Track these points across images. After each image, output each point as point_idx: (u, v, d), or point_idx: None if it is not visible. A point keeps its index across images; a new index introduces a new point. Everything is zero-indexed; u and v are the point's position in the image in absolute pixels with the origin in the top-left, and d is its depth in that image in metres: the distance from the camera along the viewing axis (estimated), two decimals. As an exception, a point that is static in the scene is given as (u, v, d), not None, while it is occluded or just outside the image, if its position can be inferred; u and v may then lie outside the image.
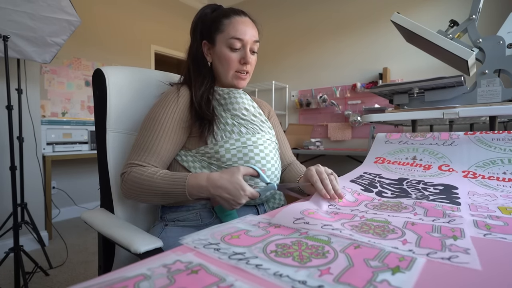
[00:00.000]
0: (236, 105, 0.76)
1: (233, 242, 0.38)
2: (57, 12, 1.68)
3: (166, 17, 3.81)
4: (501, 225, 0.43)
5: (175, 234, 0.67)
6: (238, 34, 0.73)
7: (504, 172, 0.74)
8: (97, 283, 0.27)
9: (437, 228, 0.41)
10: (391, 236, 0.39)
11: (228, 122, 0.74)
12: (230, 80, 0.77)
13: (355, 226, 0.43)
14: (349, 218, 0.48)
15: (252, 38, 0.75)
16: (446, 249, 0.34)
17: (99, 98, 0.78)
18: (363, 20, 3.18)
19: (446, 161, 0.84)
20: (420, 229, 0.41)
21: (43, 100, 2.72)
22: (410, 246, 0.35)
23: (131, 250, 0.52)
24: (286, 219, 0.46)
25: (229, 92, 0.78)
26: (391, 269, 0.29)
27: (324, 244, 0.37)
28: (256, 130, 0.76)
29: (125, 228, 0.63)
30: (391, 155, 0.94)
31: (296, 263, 0.31)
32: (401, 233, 0.40)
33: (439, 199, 0.60)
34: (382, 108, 2.61)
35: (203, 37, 0.78)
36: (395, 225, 0.43)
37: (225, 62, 0.75)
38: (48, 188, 2.28)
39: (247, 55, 0.75)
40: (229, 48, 0.74)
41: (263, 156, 0.73)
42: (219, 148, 0.70)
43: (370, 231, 0.41)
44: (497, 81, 1.01)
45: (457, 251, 0.33)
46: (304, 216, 0.46)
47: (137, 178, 0.64)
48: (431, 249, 0.34)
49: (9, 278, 1.65)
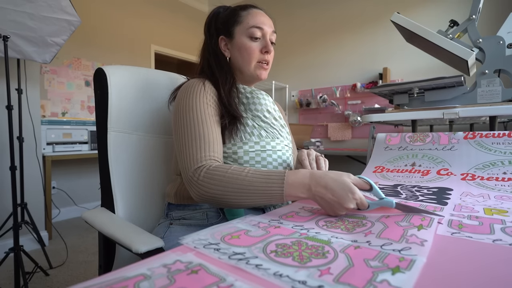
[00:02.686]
0: (259, 106, 0.74)
1: (233, 242, 0.38)
2: (57, 12, 1.68)
3: (166, 17, 3.81)
4: (474, 225, 0.44)
5: (179, 234, 0.66)
6: (258, 23, 0.73)
7: (504, 172, 0.74)
8: (97, 283, 0.27)
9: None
10: (358, 229, 0.42)
11: (249, 123, 0.72)
12: (252, 71, 0.75)
13: (329, 222, 0.46)
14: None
15: (271, 29, 0.75)
16: (403, 240, 0.36)
17: (100, 97, 0.78)
18: (363, 20, 3.18)
19: (445, 165, 0.84)
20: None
21: (43, 100, 2.72)
22: (369, 238, 0.38)
23: (132, 250, 0.52)
24: (264, 218, 0.49)
25: (252, 92, 0.76)
26: (391, 269, 0.29)
27: (324, 244, 0.37)
28: (275, 135, 0.75)
29: (126, 227, 0.63)
30: (390, 163, 0.94)
31: (296, 263, 0.31)
32: (370, 225, 0.43)
33: (428, 199, 0.60)
34: (382, 108, 2.61)
35: (220, 33, 0.77)
36: (369, 220, 0.46)
37: (246, 53, 0.73)
38: (48, 188, 2.28)
39: (268, 44, 0.74)
40: (249, 37, 0.73)
41: (280, 162, 0.71)
42: (238, 149, 0.68)
43: (342, 226, 0.44)
44: (497, 81, 1.01)
45: (413, 242, 0.36)
46: (280, 219, 0.49)
47: (221, 176, 0.57)
48: (388, 240, 0.37)
49: (9, 278, 1.65)
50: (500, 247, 0.35)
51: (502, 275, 0.29)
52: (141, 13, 3.54)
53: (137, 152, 0.82)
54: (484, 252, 0.34)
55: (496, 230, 0.41)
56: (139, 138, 0.83)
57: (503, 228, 0.42)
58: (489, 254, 0.33)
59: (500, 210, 0.52)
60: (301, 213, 0.53)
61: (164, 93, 0.86)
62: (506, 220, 0.46)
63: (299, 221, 0.47)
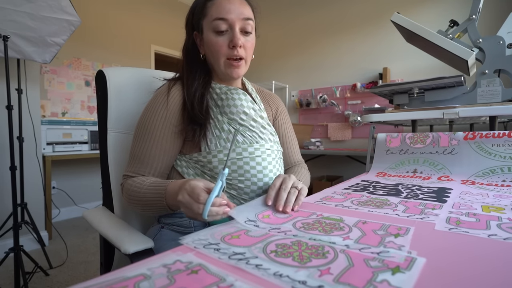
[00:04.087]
0: (234, 108, 0.69)
1: (233, 242, 0.38)
2: (57, 12, 1.68)
3: (166, 17, 3.81)
4: (472, 222, 0.45)
5: (169, 236, 0.66)
6: (222, 14, 0.63)
7: (504, 180, 0.75)
8: (97, 283, 0.27)
9: (385, 227, 0.42)
10: (337, 232, 0.41)
11: (224, 128, 0.67)
12: (223, 70, 0.68)
13: (306, 224, 0.45)
14: (306, 216, 0.49)
15: (240, 16, 0.64)
16: (381, 245, 0.35)
17: (101, 99, 0.79)
18: (363, 20, 3.18)
19: (446, 172, 0.85)
20: (368, 228, 0.42)
21: (43, 100, 2.72)
22: (348, 242, 0.37)
23: (121, 250, 0.52)
24: (240, 216, 0.47)
25: (227, 92, 0.70)
26: (391, 269, 0.29)
27: (324, 244, 0.37)
28: (254, 139, 0.69)
29: (119, 227, 0.63)
30: (392, 170, 0.95)
31: (296, 263, 0.31)
32: (348, 230, 0.42)
33: (428, 197, 0.61)
34: (382, 108, 2.61)
35: (194, 28, 0.71)
36: (346, 223, 0.45)
37: (213, 49, 0.66)
38: (48, 188, 2.28)
39: (235, 37, 0.64)
40: (214, 32, 0.65)
41: (260, 169, 0.66)
42: (212, 158, 0.65)
43: (319, 228, 0.43)
44: (497, 81, 1.01)
45: (391, 247, 0.35)
46: (257, 219, 0.47)
47: (129, 190, 0.61)
48: (366, 245, 0.35)
49: (9, 278, 1.65)
50: (494, 241, 0.37)
51: (496, 267, 0.30)
52: (141, 13, 3.53)
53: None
54: (479, 246, 0.36)
55: (492, 226, 0.42)
56: (139, 138, 0.83)
57: (499, 224, 0.43)
58: (483, 248, 0.35)
59: (497, 208, 0.52)
60: (278, 213, 0.51)
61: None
62: (502, 217, 0.47)
63: (276, 223, 0.46)
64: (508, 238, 0.38)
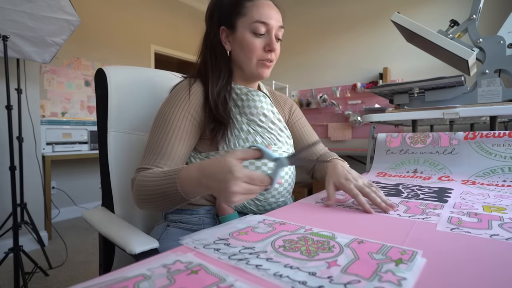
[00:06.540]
0: (254, 109, 0.69)
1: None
2: (57, 12, 1.67)
3: (166, 17, 3.81)
4: (473, 222, 0.45)
5: (176, 236, 0.65)
6: (263, 18, 0.66)
7: (504, 180, 0.75)
8: (97, 283, 0.27)
9: (385, 249, 0.35)
10: (322, 255, 0.33)
11: (243, 128, 0.67)
12: (253, 69, 0.69)
13: (288, 241, 0.38)
14: (291, 230, 0.42)
15: (278, 23, 0.68)
16: (375, 277, 0.28)
17: (101, 98, 0.78)
18: (364, 20, 3.18)
19: (447, 172, 0.85)
20: (363, 249, 0.35)
21: (43, 100, 2.72)
22: (332, 271, 0.29)
23: (126, 250, 0.52)
24: (208, 238, 0.40)
25: (247, 93, 0.71)
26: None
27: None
28: (272, 141, 0.70)
29: (122, 227, 0.63)
30: (392, 170, 0.95)
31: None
32: (338, 251, 0.35)
33: (429, 198, 0.61)
34: (382, 108, 2.61)
35: (221, 23, 0.69)
36: (337, 242, 0.37)
37: (248, 49, 0.67)
38: (47, 188, 2.28)
39: (272, 42, 0.67)
40: (252, 33, 0.66)
41: None
42: None
43: (302, 248, 0.36)
44: (497, 81, 1.01)
45: (388, 280, 0.27)
46: (230, 237, 0.40)
47: (140, 181, 0.57)
48: (356, 276, 0.28)
49: (9, 278, 1.65)
50: (496, 241, 0.37)
51: (499, 267, 0.30)
52: (141, 13, 3.53)
53: (137, 152, 0.82)
54: (481, 246, 0.36)
55: (494, 226, 0.43)
56: (138, 138, 0.82)
57: (501, 224, 0.43)
58: (486, 248, 0.35)
59: (498, 208, 0.53)
60: (260, 228, 0.44)
61: (164, 93, 0.86)
62: (504, 217, 0.47)
63: (252, 240, 0.39)
64: (510, 238, 0.38)
